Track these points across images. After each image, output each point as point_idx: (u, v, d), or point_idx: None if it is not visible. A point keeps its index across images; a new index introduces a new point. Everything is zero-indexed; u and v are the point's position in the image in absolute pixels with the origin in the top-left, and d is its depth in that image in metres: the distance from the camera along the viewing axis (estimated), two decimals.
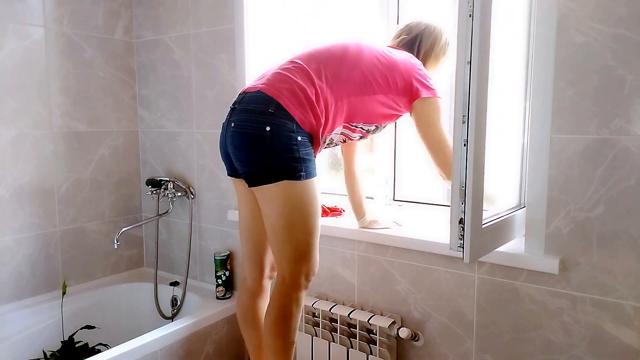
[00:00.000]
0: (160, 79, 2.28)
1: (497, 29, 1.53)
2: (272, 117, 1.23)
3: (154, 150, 2.36)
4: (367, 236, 1.66)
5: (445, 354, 1.57)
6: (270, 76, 1.31)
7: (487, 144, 1.12)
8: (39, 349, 2.00)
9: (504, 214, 1.29)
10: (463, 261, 1.11)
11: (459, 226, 1.06)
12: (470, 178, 1.04)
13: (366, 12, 1.91)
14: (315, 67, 1.31)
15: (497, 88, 1.54)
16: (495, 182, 1.49)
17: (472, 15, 1.00)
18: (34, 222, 2.06)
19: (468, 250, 1.06)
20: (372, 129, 1.48)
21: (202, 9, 2.08)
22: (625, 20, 1.19)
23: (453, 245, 1.07)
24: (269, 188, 1.26)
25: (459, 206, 1.06)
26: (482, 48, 1.04)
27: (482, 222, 1.13)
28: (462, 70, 1.03)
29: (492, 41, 1.10)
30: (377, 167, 1.88)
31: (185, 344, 1.83)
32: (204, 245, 2.24)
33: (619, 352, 1.29)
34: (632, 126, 1.20)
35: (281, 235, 1.29)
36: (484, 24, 1.03)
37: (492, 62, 1.11)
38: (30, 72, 2.00)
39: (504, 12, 1.52)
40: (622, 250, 1.25)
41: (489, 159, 1.16)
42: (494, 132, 1.55)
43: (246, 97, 1.30)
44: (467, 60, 1.02)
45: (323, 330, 1.71)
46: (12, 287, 2.00)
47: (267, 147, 1.23)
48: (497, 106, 1.55)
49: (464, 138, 1.04)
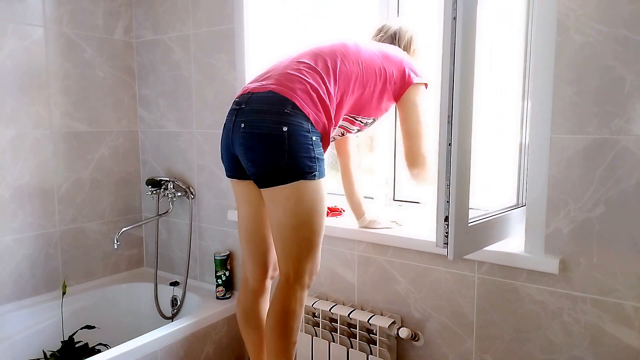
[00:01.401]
0: (160, 79, 2.28)
1: (494, 29, 1.54)
2: (289, 118, 1.23)
3: (154, 150, 2.36)
4: (367, 236, 1.66)
5: (445, 354, 1.57)
6: (279, 76, 1.30)
7: (480, 144, 1.14)
8: (39, 349, 2.00)
9: (494, 213, 1.30)
10: (447, 258, 1.14)
11: (444, 224, 1.09)
12: (454, 177, 1.06)
13: (366, 12, 1.91)
14: (322, 65, 1.33)
15: (492, 88, 1.55)
16: (486, 180, 1.50)
17: (456, 17, 1.02)
18: (34, 222, 2.06)
19: (452, 247, 1.09)
20: (369, 122, 1.51)
21: (202, 9, 2.08)
22: (625, 20, 1.19)
23: (439, 242, 1.11)
24: (283, 188, 1.26)
25: (444, 204, 1.09)
26: (466, 50, 1.06)
27: (469, 220, 1.16)
28: (447, 72, 1.05)
29: (489, 42, 1.10)
30: (377, 167, 1.88)
31: (185, 344, 1.83)
32: (204, 245, 2.24)
33: (619, 352, 1.29)
34: (632, 126, 1.20)
35: (290, 234, 1.29)
36: (468, 26, 1.04)
37: (490, 63, 1.12)
38: (30, 72, 2.00)
39: (500, 12, 1.52)
40: (622, 250, 1.25)
41: (481, 159, 1.17)
42: (487, 132, 1.56)
43: (255, 97, 1.28)
44: (451, 61, 1.04)
45: (323, 330, 1.71)
46: (12, 287, 2.00)
47: (284, 148, 1.23)
48: (493, 106, 1.55)
49: (449, 138, 1.07)
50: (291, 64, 1.33)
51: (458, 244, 1.11)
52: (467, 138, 1.10)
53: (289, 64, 1.34)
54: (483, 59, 1.56)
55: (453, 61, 1.04)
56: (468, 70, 1.07)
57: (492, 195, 1.54)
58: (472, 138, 1.12)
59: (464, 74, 1.06)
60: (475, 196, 1.58)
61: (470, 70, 1.08)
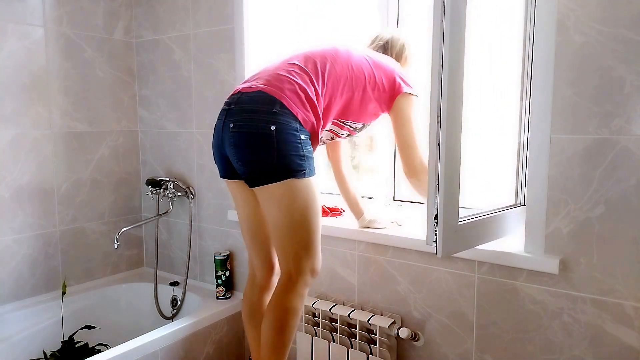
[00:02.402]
0: (160, 79, 2.28)
1: (492, 29, 1.54)
2: (277, 116, 1.25)
3: (154, 150, 2.36)
4: (367, 236, 1.66)
5: (445, 354, 1.57)
6: (269, 77, 1.32)
7: (478, 144, 1.15)
8: (39, 349, 2.00)
9: (487, 212, 1.31)
10: (437, 255, 1.17)
11: (434, 222, 1.12)
12: (442, 176, 1.09)
13: (366, 12, 1.91)
14: (312, 67, 1.35)
15: (490, 88, 1.56)
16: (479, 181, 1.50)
17: (444, 19, 1.03)
18: (34, 222, 2.06)
19: (441, 245, 1.12)
20: (359, 127, 1.53)
21: (202, 9, 2.08)
22: (625, 20, 1.19)
23: (429, 240, 1.13)
24: (273, 187, 1.27)
25: (434, 203, 1.11)
26: (455, 51, 1.07)
27: (460, 219, 1.18)
28: (436, 72, 1.07)
29: (487, 42, 1.11)
30: (377, 167, 1.88)
31: (185, 344, 1.83)
32: (204, 245, 2.24)
33: (619, 352, 1.29)
34: (632, 126, 1.20)
35: (286, 233, 1.30)
36: (457, 28, 1.06)
37: (489, 63, 1.13)
38: (30, 72, 2.00)
39: (499, 12, 1.53)
40: (622, 250, 1.25)
41: (480, 160, 1.18)
42: (485, 132, 1.57)
43: (244, 97, 1.30)
44: (440, 62, 1.06)
45: (323, 330, 1.71)
46: (12, 287, 2.00)
47: (272, 146, 1.24)
48: (491, 106, 1.56)
49: (438, 138, 1.09)
50: (282, 65, 1.35)
51: (447, 242, 1.14)
52: (456, 138, 1.12)
53: (280, 65, 1.36)
54: (481, 59, 1.57)
55: (442, 62, 1.06)
56: (457, 71, 1.09)
57: (491, 195, 1.54)
58: (461, 138, 1.14)
59: (453, 75, 1.08)
60: (473, 196, 1.58)
61: (459, 70, 1.10)
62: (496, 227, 1.33)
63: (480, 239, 1.29)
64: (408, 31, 1.67)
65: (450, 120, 1.09)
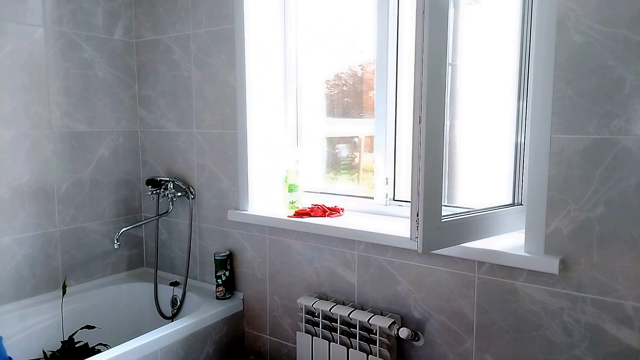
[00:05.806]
0: (160, 79, 2.28)
1: (490, 29, 1.54)
2: None
3: (154, 150, 2.36)
4: (367, 236, 1.66)
5: (445, 354, 1.57)
6: None
7: (476, 145, 1.16)
8: (39, 349, 2.00)
9: (477, 211, 1.32)
10: (417, 251, 1.20)
11: (416, 218, 1.17)
12: (423, 175, 1.13)
13: (365, 12, 1.91)
14: None
15: (486, 88, 1.55)
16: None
17: (425, 11, 1.04)
18: (34, 222, 2.06)
19: (421, 241, 1.17)
20: None
21: (202, 9, 2.08)
22: (625, 20, 1.19)
23: (412, 236, 1.18)
24: None
25: (417, 201, 1.15)
26: (435, 47, 1.08)
27: (442, 217, 1.22)
28: (419, 70, 1.09)
29: (486, 42, 1.11)
30: (377, 167, 1.88)
31: (185, 344, 1.83)
32: (204, 245, 2.24)
33: (619, 352, 1.29)
34: (632, 126, 1.20)
35: None
36: (438, 21, 1.06)
37: (488, 63, 1.13)
38: (30, 72, 2.00)
39: (497, 12, 1.52)
40: (622, 250, 1.25)
41: (478, 160, 1.19)
42: (483, 132, 1.56)
43: None
44: (420, 60, 1.07)
45: (323, 330, 1.71)
46: (12, 287, 2.00)
47: None
48: (487, 106, 1.55)
49: (420, 137, 1.12)
50: None
51: (428, 239, 1.18)
52: (437, 137, 1.16)
53: None
54: (479, 59, 1.56)
55: (422, 58, 1.07)
56: (438, 69, 1.10)
57: (487, 195, 1.55)
58: (444, 138, 1.18)
59: (434, 73, 1.09)
60: (473, 196, 1.58)
61: (441, 69, 1.11)
62: (486, 225, 1.34)
63: (466, 237, 1.32)
64: (408, 31, 1.65)
65: (432, 120, 1.12)
